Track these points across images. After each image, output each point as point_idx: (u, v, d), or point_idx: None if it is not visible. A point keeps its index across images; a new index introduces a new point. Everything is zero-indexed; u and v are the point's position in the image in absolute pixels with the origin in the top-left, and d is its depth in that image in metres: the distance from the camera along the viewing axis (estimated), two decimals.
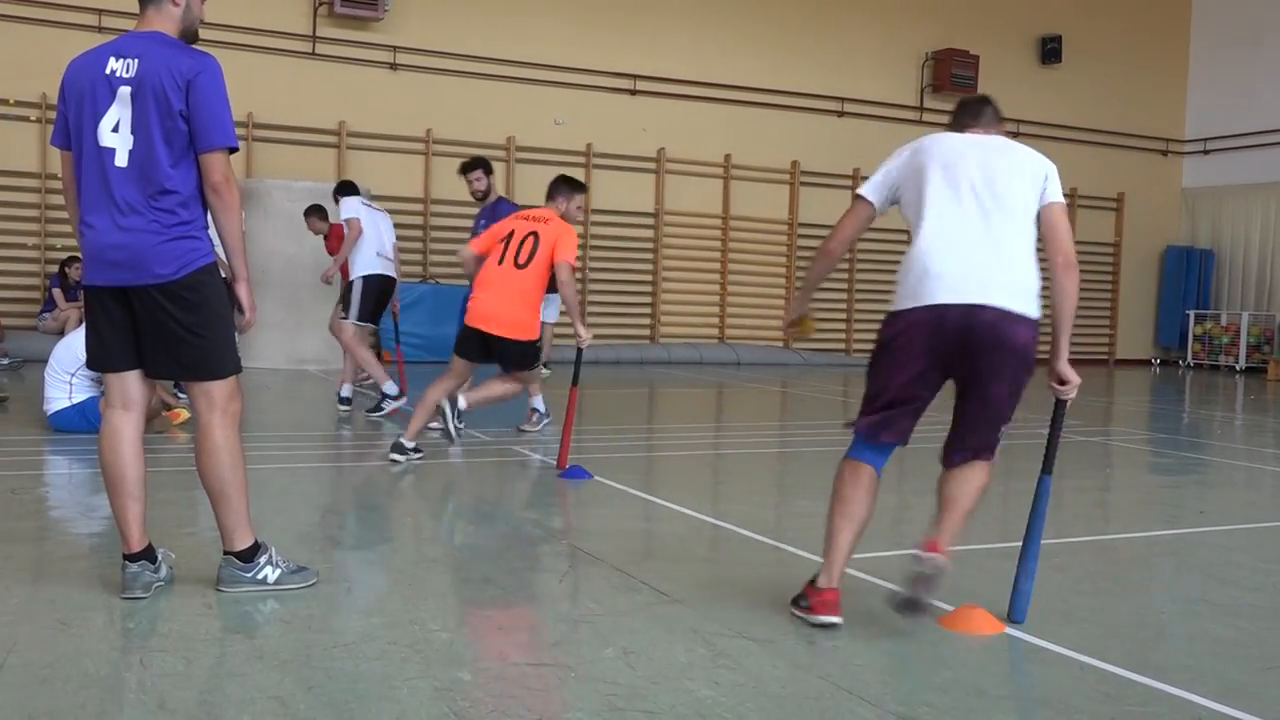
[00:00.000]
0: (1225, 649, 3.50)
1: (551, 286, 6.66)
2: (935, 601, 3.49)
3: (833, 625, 3.50)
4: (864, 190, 3.68)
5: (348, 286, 8.64)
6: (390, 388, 8.61)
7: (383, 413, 8.51)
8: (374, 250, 8.56)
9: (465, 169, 8.52)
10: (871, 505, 3.60)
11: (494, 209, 8.14)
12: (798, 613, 3.60)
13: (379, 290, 8.59)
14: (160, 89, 3.47)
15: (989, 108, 3.80)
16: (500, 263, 6.43)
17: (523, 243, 6.45)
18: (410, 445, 6.45)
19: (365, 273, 8.52)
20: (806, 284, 4.02)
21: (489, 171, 8.47)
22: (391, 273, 8.70)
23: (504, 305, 6.37)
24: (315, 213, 10.31)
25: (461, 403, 6.50)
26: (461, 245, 6.77)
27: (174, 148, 3.51)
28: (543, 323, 8.51)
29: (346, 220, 8.56)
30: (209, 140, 3.51)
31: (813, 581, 3.59)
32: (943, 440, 3.67)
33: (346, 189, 9.21)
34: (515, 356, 6.49)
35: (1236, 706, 2.95)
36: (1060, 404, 3.65)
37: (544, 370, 9.82)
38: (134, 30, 3.65)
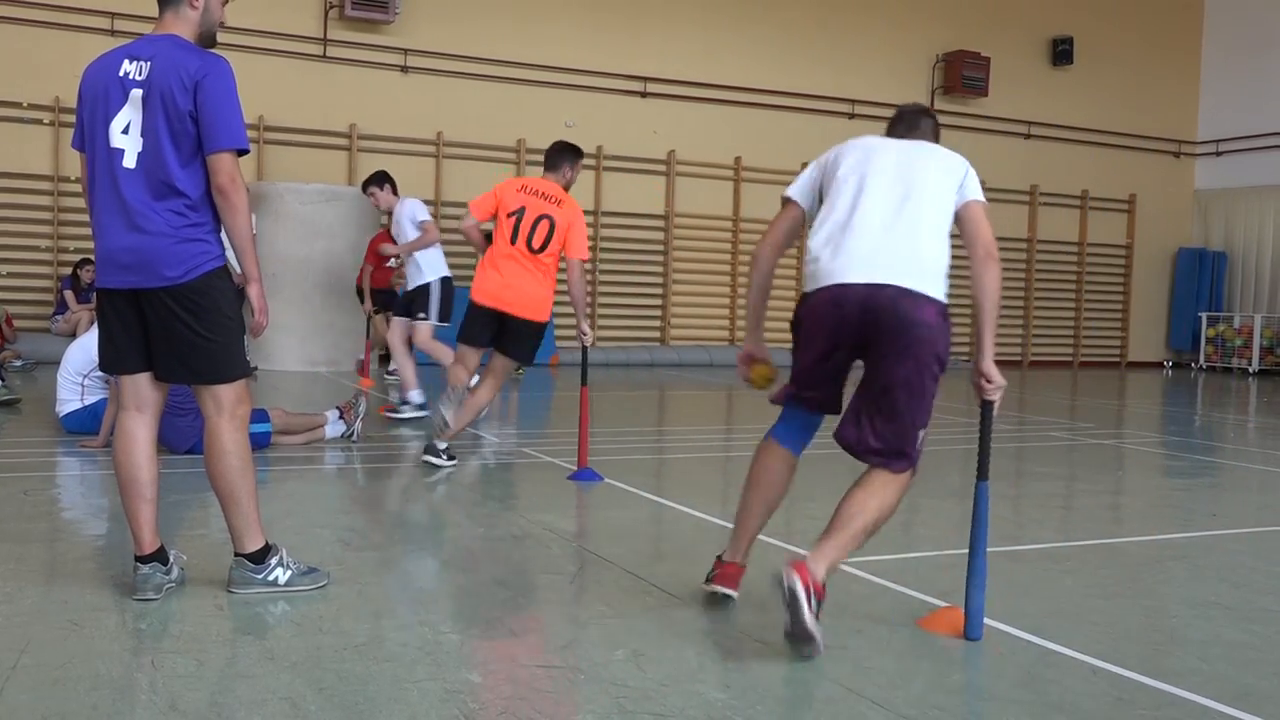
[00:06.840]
0: (1238, 653, 3.49)
1: None
2: (816, 634, 3.08)
3: (726, 596, 3.64)
4: (790, 191, 3.68)
5: (420, 290, 8.62)
6: (416, 396, 8.60)
7: (398, 415, 8.52)
8: (442, 251, 8.80)
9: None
10: (784, 486, 3.63)
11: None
12: (703, 585, 3.74)
13: (452, 291, 8.74)
14: (169, 91, 3.47)
15: (927, 120, 3.76)
16: (513, 243, 6.14)
17: (536, 225, 6.14)
18: (444, 446, 6.31)
19: (443, 274, 8.69)
20: (753, 308, 3.79)
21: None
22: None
23: (521, 283, 6.14)
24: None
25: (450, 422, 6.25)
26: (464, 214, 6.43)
27: (182, 150, 3.51)
28: None
29: (422, 221, 8.64)
30: (216, 142, 3.50)
31: (720, 555, 3.74)
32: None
33: (390, 181, 9.37)
34: (530, 339, 6.27)
35: (1250, 711, 2.93)
36: (987, 405, 3.43)
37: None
38: (150, 33, 3.67)
